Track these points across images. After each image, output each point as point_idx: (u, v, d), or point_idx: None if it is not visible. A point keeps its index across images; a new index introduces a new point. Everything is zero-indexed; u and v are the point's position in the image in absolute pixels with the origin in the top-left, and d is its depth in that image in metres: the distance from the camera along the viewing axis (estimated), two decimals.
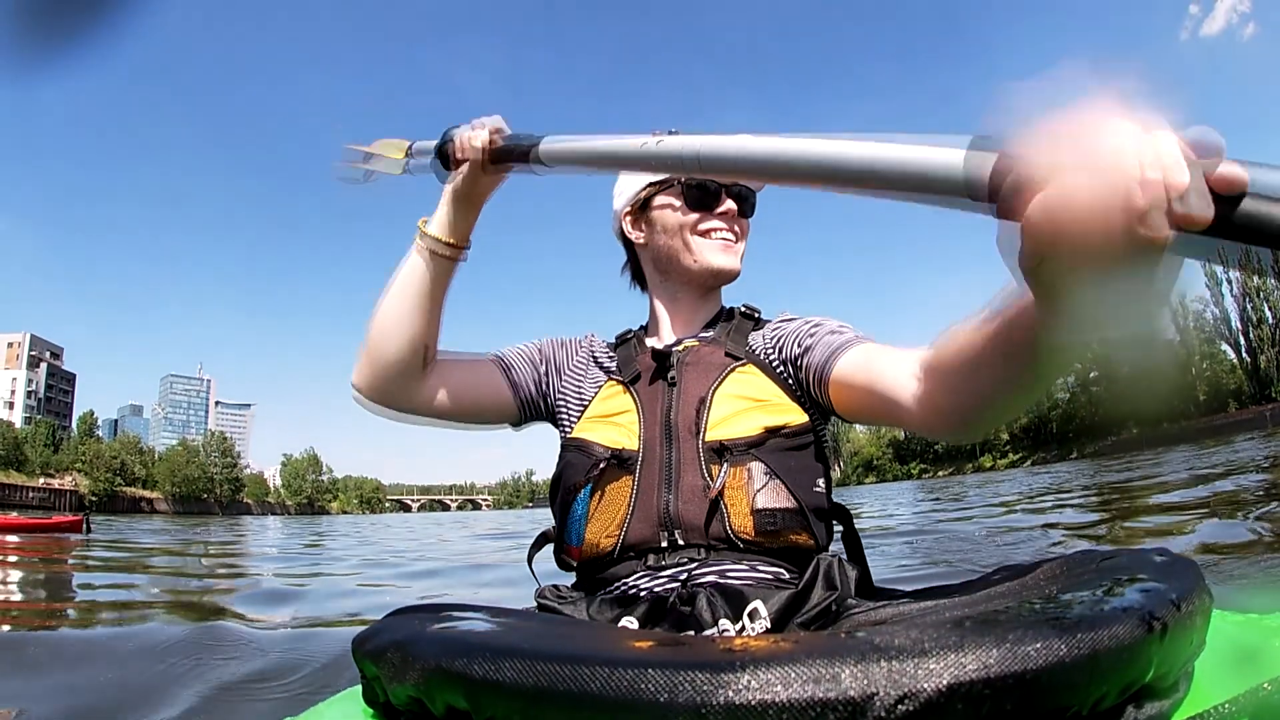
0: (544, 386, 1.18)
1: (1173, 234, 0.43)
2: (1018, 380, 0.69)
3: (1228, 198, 0.42)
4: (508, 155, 0.99)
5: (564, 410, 1.16)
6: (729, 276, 1.18)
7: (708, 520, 0.97)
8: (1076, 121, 0.46)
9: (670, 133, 0.78)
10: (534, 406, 1.18)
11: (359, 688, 0.73)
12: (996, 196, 0.49)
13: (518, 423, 1.21)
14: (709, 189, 1.15)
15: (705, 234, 1.15)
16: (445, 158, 1.05)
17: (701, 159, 0.73)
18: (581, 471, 1.03)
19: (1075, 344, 0.60)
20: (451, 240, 1.04)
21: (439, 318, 1.08)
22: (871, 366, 0.96)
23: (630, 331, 1.23)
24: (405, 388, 1.09)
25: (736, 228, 1.17)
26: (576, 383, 1.17)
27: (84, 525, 14.68)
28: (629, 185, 1.22)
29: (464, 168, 1.02)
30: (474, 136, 1.01)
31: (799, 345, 1.08)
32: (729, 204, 1.15)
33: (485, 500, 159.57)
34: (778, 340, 1.12)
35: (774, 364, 1.11)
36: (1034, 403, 0.79)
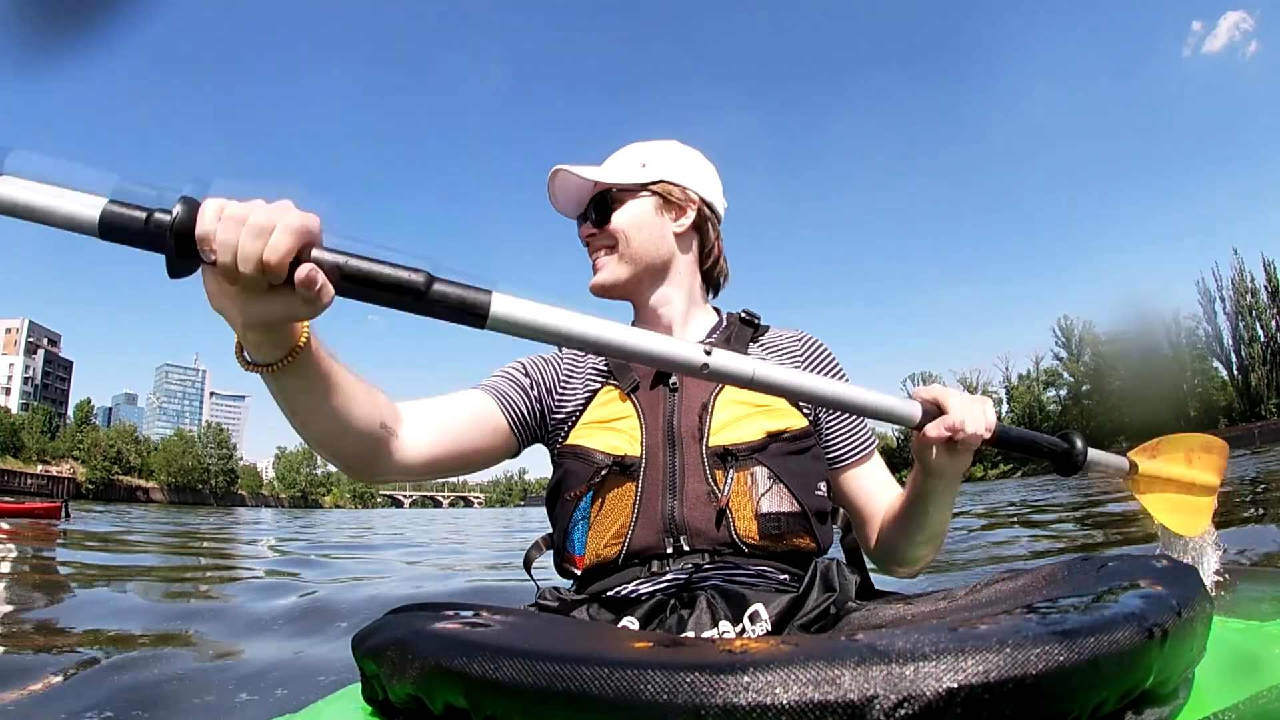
0: (538, 408, 1.13)
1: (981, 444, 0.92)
2: (913, 528, 1.04)
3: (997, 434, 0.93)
4: (375, 285, 0.63)
5: (559, 424, 1.12)
6: (598, 291, 1.17)
7: (713, 525, 0.96)
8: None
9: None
10: (530, 432, 1.12)
11: (358, 685, 0.72)
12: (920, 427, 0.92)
13: (516, 453, 1.14)
14: (578, 224, 1.18)
15: (591, 260, 1.18)
16: (187, 244, 0.60)
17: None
18: (582, 479, 1.02)
19: (936, 505, 1.01)
20: (286, 357, 0.72)
21: (352, 386, 0.82)
22: (878, 492, 1.15)
23: None
24: (384, 461, 0.91)
25: (604, 242, 1.15)
26: (568, 395, 1.13)
27: (63, 512, 14.61)
28: None
29: (243, 292, 0.63)
30: (278, 249, 0.60)
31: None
32: (585, 228, 1.17)
33: (477, 498, 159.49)
34: (811, 367, 1.16)
35: None
36: (928, 551, 1.09)
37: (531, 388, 1.13)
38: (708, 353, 0.73)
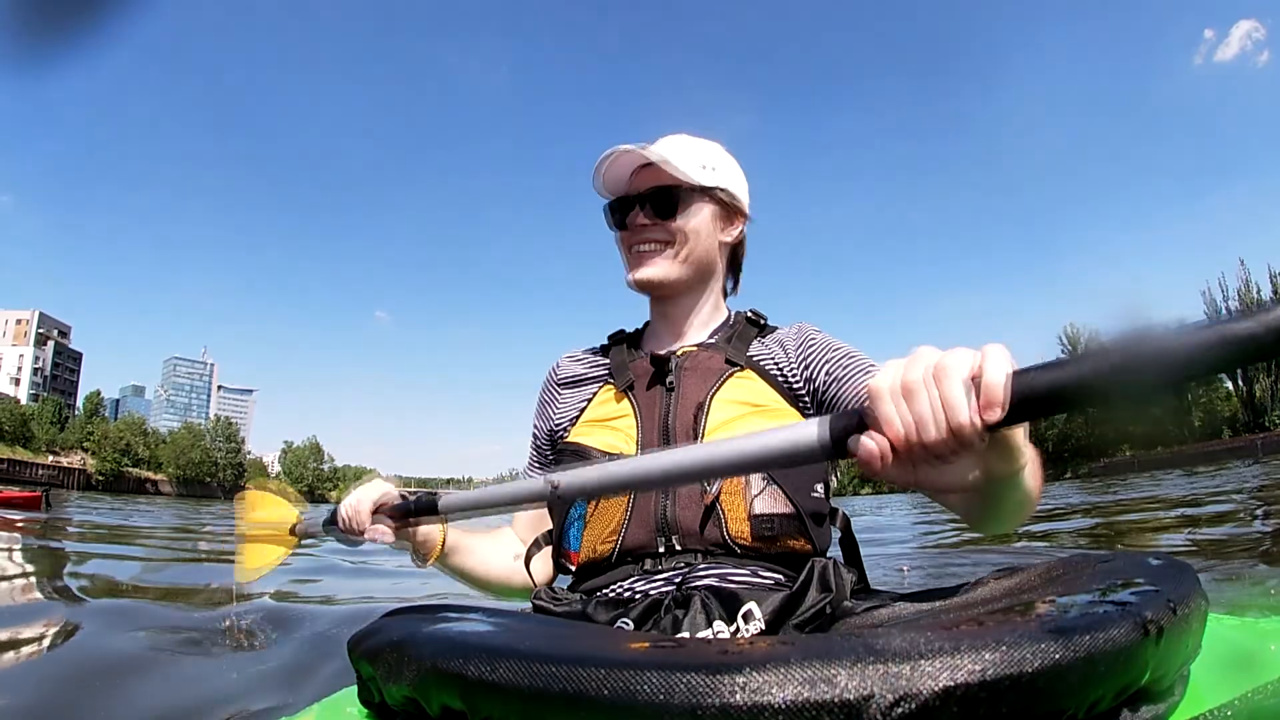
0: (559, 444, 1.17)
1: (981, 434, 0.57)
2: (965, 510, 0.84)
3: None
4: (408, 516, 1.03)
5: (564, 425, 1.17)
6: (646, 286, 1.15)
7: (704, 525, 0.96)
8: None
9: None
10: None
11: (354, 688, 0.73)
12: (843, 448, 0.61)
13: None
14: (616, 206, 1.15)
15: (630, 248, 1.15)
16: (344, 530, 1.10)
17: (562, 489, 0.80)
18: None
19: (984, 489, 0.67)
20: (433, 554, 1.13)
21: (485, 548, 1.20)
22: None
23: (623, 332, 1.23)
24: (534, 576, 1.15)
25: (657, 236, 1.13)
26: (568, 401, 1.18)
27: (43, 503, 13.90)
28: None
29: (386, 538, 1.06)
30: (358, 518, 1.05)
31: (828, 375, 1.07)
32: (639, 216, 1.13)
33: None
34: (803, 355, 1.11)
35: (778, 373, 1.09)
36: (1008, 523, 0.86)
37: (547, 440, 1.21)
38: (555, 486, 0.78)
